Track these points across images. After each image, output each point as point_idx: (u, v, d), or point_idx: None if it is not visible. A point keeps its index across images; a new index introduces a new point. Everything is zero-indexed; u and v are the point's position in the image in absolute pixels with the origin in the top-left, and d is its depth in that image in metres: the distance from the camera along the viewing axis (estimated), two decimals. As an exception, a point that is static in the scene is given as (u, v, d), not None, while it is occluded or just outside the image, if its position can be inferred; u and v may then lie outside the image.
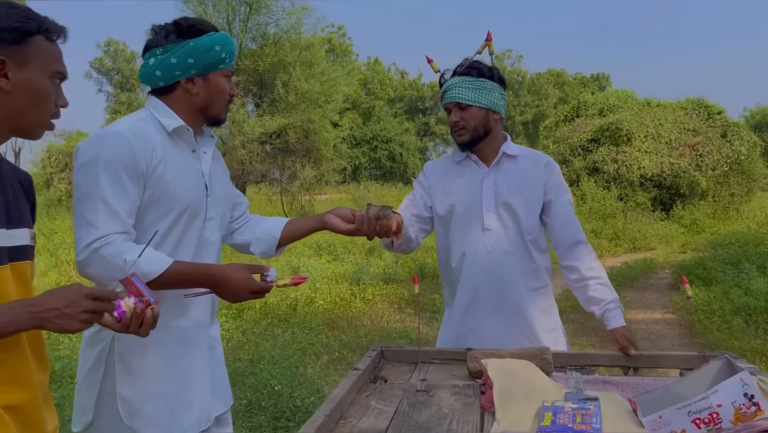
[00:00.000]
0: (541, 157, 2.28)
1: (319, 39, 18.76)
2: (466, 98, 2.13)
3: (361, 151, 37.04)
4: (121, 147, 1.57)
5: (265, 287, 1.66)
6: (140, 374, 1.67)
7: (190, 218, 1.71)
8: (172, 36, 1.69)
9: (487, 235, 2.19)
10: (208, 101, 1.73)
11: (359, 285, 7.63)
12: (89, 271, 1.57)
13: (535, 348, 1.87)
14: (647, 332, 6.46)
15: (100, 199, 1.54)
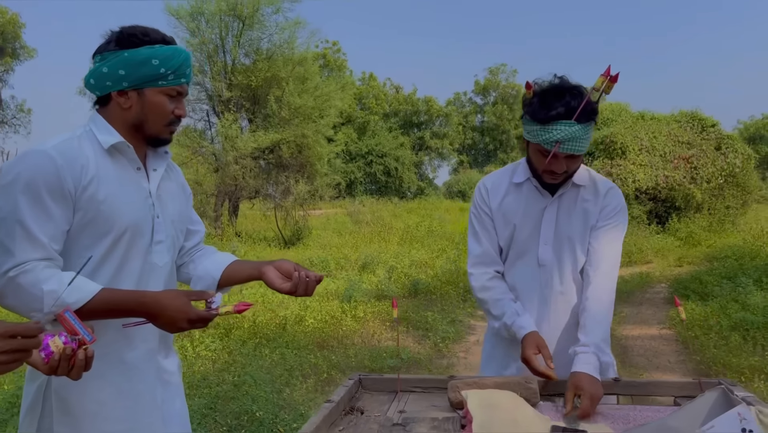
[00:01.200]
0: (603, 184, 2.09)
1: (313, 54, 18.74)
2: (580, 150, 1.89)
3: (357, 165, 36.98)
4: (43, 166, 1.44)
5: (205, 316, 1.52)
6: (78, 414, 1.53)
7: (132, 241, 1.57)
8: (112, 44, 1.57)
9: (541, 271, 2.06)
10: (142, 118, 1.60)
11: (350, 302, 7.50)
12: (6, 302, 1.43)
13: (520, 377, 1.75)
14: (643, 348, 6.33)
15: (17, 223, 1.42)
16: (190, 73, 1.65)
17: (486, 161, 49.97)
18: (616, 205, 2.08)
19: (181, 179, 1.83)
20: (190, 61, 1.64)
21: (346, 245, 13.65)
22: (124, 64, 1.55)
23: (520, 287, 2.10)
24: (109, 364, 1.56)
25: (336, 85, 18.73)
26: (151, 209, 1.63)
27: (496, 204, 2.11)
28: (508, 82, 51.23)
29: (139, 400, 1.62)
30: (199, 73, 17.18)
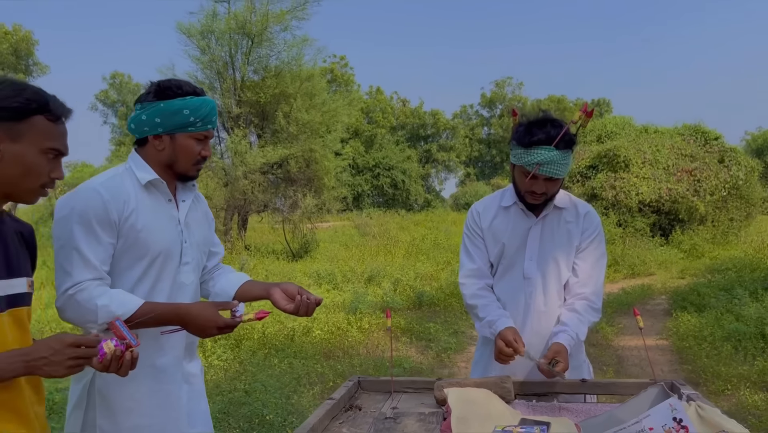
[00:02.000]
0: (583, 207, 2.36)
1: (320, 70, 19.12)
2: (559, 174, 2.14)
3: (364, 178, 37.36)
4: (93, 201, 1.74)
5: (231, 323, 1.80)
6: (118, 409, 1.82)
7: (164, 263, 1.87)
8: (151, 95, 1.87)
9: (526, 283, 2.32)
10: (173, 159, 1.88)
11: (356, 314, 7.76)
12: (66, 316, 1.74)
13: (497, 377, 2.02)
14: (638, 358, 6.55)
15: (74, 250, 1.71)
16: (215, 120, 1.94)
17: (493, 173, 50.23)
18: (596, 226, 2.36)
19: (206, 208, 2.12)
20: (216, 109, 1.94)
21: (353, 257, 13.92)
22: (160, 113, 1.83)
23: (507, 297, 2.35)
24: (143, 368, 1.83)
25: (343, 101, 19.08)
26: (180, 235, 1.92)
27: (486, 225, 2.38)
28: (515, 95, 51.61)
29: (168, 399, 1.90)
30: (210, 90, 17.58)
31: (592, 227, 2.34)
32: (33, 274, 1.58)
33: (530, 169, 2.15)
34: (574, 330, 2.18)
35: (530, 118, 2.23)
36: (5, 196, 1.48)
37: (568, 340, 2.14)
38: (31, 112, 1.45)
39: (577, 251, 2.32)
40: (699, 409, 1.72)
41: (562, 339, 2.14)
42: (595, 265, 2.33)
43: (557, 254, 2.31)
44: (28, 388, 1.46)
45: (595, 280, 2.32)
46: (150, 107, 1.85)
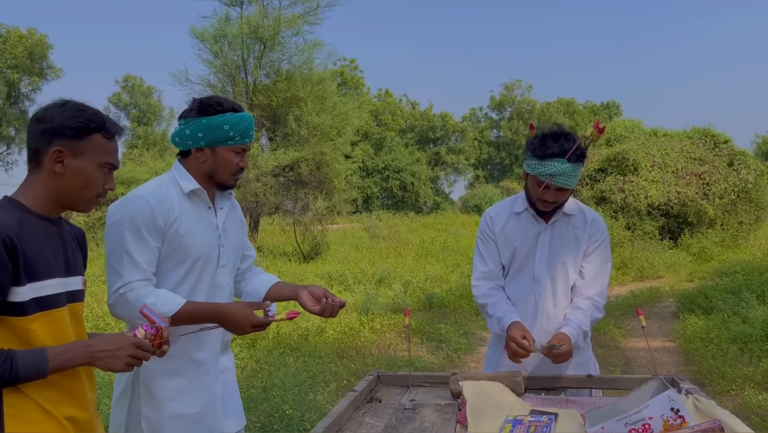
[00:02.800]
0: (590, 214, 2.52)
1: (330, 74, 19.31)
2: (570, 185, 2.30)
3: (373, 181, 37.55)
4: (142, 208, 1.91)
5: (264, 322, 1.97)
6: (160, 398, 2.00)
7: (204, 266, 2.05)
8: (193, 111, 2.04)
9: (536, 285, 2.47)
10: (214, 170, 2.06)
11: (368, 315, 7.91)
12: (117, 312, 1.92)
13: (507, 372, 2.16)
14: (645, 359, 6.67)
15: (125, 253, 1.88)
16: (252, 134, 2.11)
17: (502, 176, 50.32)
18: (602, 232, 2.52)
19: (240, 214, 2.29)
20: (253, 123, 2.11)
21: (363, 259, 14.08)
22: (202, 129, 2.01)
23: (517, 298, 2.51)
24: (183, 361, 2.03)
25: (353, 104, 19.27)
26: (218, 240, 2.09)
27: (498, 229, 2.53)
28: (524, 98, 51.71)
29: (206, 390, 2.08)
30: (222, 94, 17.80)
31: (599, 232, 2.50)
32: (84, 273, 1.75)
33: (543, 180, 2.30)
34: (577, 323, 2.33)
35: (545, 131, 2.38)
36: (65, 206, 1.65)
37: (571, 330, 2.30)
38: (91, 131, 1.61)
39: (584, 255, 2.48)
40: (696, 401, 1.87)
41: (565, 330, 2.30)
42: (600, 268, 2.48)
43: (565, 257, 2.46)
44: (84, 376, 1.62)
45: (600, 282, 2.47)
46: (193, 123, 2.01)
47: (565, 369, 2.42)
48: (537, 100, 51.53)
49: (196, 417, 2.04)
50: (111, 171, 1.69)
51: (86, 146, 1.61)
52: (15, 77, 33.21)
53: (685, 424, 1.70)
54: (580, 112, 50.73)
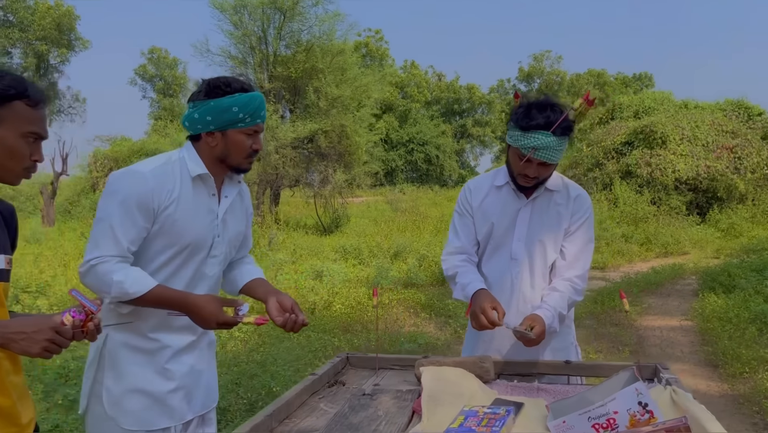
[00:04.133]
0: (574, 190, 2.35)
1: (351, 45, 19.03)
2: (553, 160, 2.14)
3: (398, 153, 37.28)
4: (139, 186, 1.84)
5: (231, 321, 1.87)
6: (123, 371, 1.93)
7: (191, 254, 1.96)
8: (201, 94, 1.93)
9: (513, 264, 2.32)
10: (226, 154, 1.95)
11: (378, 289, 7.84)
12: (86, 281, 1.85)
13: (476, 357, 2.04)
14: (660, 338, 6.48)
15: (108, 226, 1.82)
16: (264, 114, 1.97)
17: (529, 149, 49.47)
18: (586, 210, 2.34)
19: (248, 203, 2.19)
20: (264, 103, 1.99)
21: (381, 232, 13.99)
22: (211, 112, 1.89)
23: (494, 277, 2.36)
24: (148, 339, 1.95)
25: (374, 76, 19.01)
26: (214, 230, 2.00)
27: (477, 203, 2.38)
28: (553, 69, 50.60)
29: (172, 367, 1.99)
30: (242, 65, 17.70)
31: (582, 210, 2.33)
32: (12, 253, 1.65)
33: (525, 153, 2.13)
34: (553, 305, 2.18)
35: (531, 101, 2.20)
36: None
37: (545, 312, 2.15)
38: (11, 98, 1.50)
39: (566, 234, 2.31)
40: (673, 393, 1.72)
41: (539, 312, 2.15)
42: (583, 249, 2.32)
43: (545, 236, 2.30)
44: (4, 358, 1.53)
45: (582, 263, 2.31)
46: (201, 106, 1.91)
47: (543, 353, 2.28)
48: (567, 72, 50.39)
49: (157, 394, 1.96)
50: (38, 141, 1.58)
51: (6, 115, 1.50)
52: (44, 49, 33.53)
53: (653, 420, 1.55)
54: (611, 83, 49.47)
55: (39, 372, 3.99)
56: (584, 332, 6.71)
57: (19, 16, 32.01)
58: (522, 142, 2.14)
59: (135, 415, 1.92)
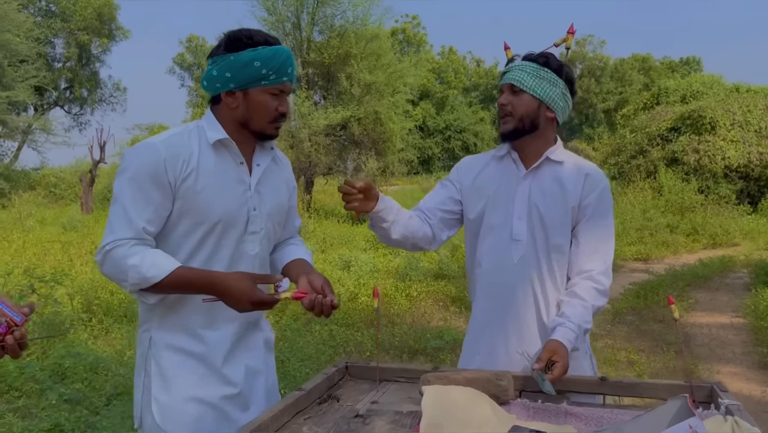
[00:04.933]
0: (586, 167, 2.01)
1: (386, 31, 18.65)
2: (522, 82, 1.92)
3: (434, 141, 36.76)
4: (150, 158, 1.63)
5: (268, 299, 1.61)
6: (171, 377, 1.71)
7: (225, 231, 1.72)
8: (221, 48, 1.70)
9: (514, 246, 1.98)
10: (247, 116, 1.72)
11: (405, 281, 7.51)
12: (105, 270, 1.65)
13: (491, 373, 1.70)
14: (709, 337, 6.02)
15: (121, 206, 1.63)
16: (292, 72, 1.73)
17: (571, 136, 48.38)
18: (602, 190, 1.99)
19: (288, 174, 1.93)
20: (293, 60, 1.72)
21: (415, 222, 13.65)
22: (230, 67, 1.66)
23: (490, 259, 2.02)
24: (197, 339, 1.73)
25: (409, 62, 18.62)
26: (247, 202, 1.74)
27: (470, 179, 2.08)
28: (596, 54, 49.12)
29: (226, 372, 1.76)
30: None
31: (597, 190, 1.97)
32: None
33: (499, 85, 2.01)
34: (576, 321, 1.83)
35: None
36: None
37: (567, 335, 1.80)
38: None
39: (580, 217, 1.97)
40: (735, 426, 1.38)
41: (559, 335, 1.79)
42: (601, 238, 1.97)
43: (546, 214, 1.96)
44: None
45: (602, 256, 1.96)
46: (220, 61, 1.69)
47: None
48: (610, 57, 48.83)
49: (211, 401, 1.73)
50: None
51: None
52: (85, 39, 33.98)
53: (711, 466, 1.22)
54: (657, 68, 47.81)
55: (35, 370, 3.81)
56: (625, 329, 6.29)
57: (61, 6, 32.48)
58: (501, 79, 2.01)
59: (189, 427, 1.69)
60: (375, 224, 1.97)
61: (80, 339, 4.83)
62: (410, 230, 2.00)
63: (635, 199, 15.34)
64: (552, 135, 2.02)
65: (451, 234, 2.13)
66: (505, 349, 2.01)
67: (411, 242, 2.04)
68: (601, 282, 1.93)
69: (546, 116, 1.96)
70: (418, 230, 2.03)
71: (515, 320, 1.99)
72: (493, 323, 2.03)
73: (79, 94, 36.40)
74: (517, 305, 1.99)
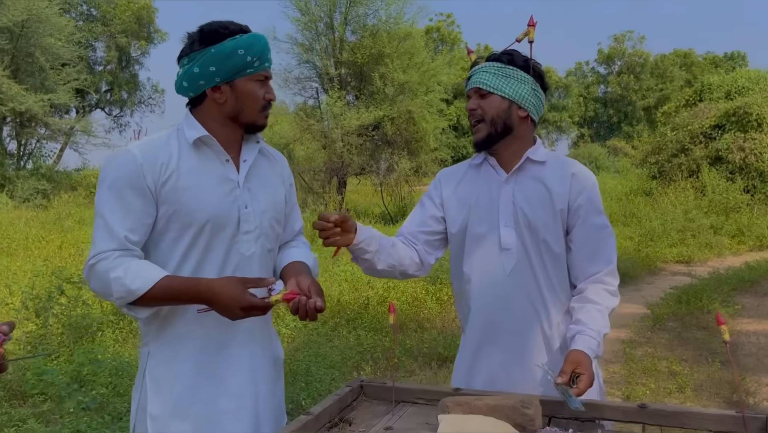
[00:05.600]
0: (572, 166, 1.90)
1: (419, 30, 18.51)
2: (487, 84, 1.83)
3: (469, 140, 36.35)
4: (126, 165, 1.58)
5: (259, 304, 1.51)
6: (168, 392, 1.62)
7: (215, 232, 1.63)
8: (195, 44, 1.64)
9: (505, 256, 1.85)
10: (238, 109, 1.66)
11: (436, 284, 7.35)
12: (91, 286, 1.60)
13: (517, 400, 1.55)
14: (757, 346, 5.71)
15: (101, 218, 1.57)
16: (270, 57, 1.69)
17: (609, 134, 47.42)
18: (591, 188, 1.87)
19: (282, 169, 1.85)
20: (268, 45, 1.68)
21: (448, 222, 13.47)
22: (213, 60, 1.60)
23: (481, 271, 1.88)
24: (191, 349, 1.64)
25: (443, 60, 18.44)
26: (237, 200, 1.66)
27: (449, 192, 1.96)
28: (635, 50, 48.06)
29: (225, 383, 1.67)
30: (308, 52, 17.54)
31: (587, 189, 1.86)
32: None
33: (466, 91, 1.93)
34: (595, 327, 1.71)
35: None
36: None
37: (588, 343, 1.67)
38: None
39: (573, 221, 1.85)
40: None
41: (580, 344, 1.67)
42: (600, 238, 1.85)
43: (534, 218, 1.83)
44: None
45: (606, 256, 1.84)
46: (199, 56, 1.62)
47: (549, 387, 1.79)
48: (650, 53, 47.69)
49: (208, 416, 1.64)
50: None
51: None
52: (124, 42, 34.63)
53: None
54: (699, 64, 46.50)
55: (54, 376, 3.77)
56: (666, 337, 6.02)
57: (101, 10, 33.17)
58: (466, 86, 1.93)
59: None
60: (357, 256, 1.85)
61: (106, 343, 4.80)
62: (396, 258, 1.89)
63: (676, 199, 14.86)
64: (529, 135, 1.91)
65: (439, 255, 2.02)
66: (504, 370, 1.88)
67: (399, 270, 1.93)
68: (610, 283, 1.83)
69: (518, 116, 1.86)
70: (404, 257, 1.91)
71: (514, 335, 1.86)
72: (490, 342, 1.90)
73: (118, 96, 37.11)
74: (514, 320, 1.86)
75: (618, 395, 4.44)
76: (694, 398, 4.38)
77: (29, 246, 10.18)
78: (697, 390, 4.56)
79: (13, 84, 19.07)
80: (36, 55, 20.49)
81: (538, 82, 1.88)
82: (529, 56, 1.87)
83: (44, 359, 4.16)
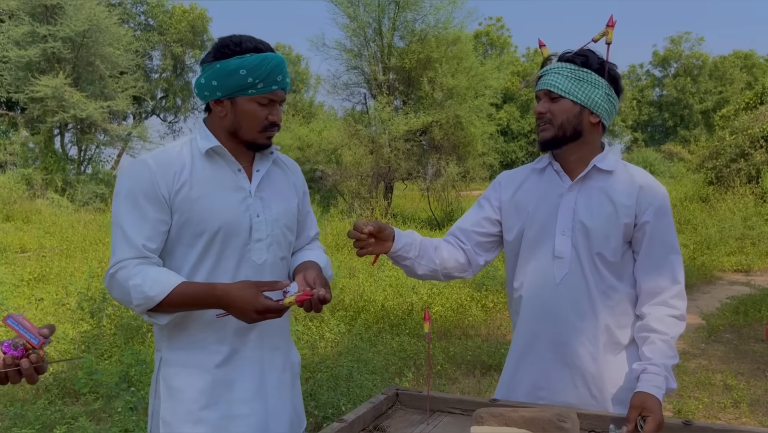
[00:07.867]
0: (641, 177, 1.81)
1: (468, 34, 18.39)
2: (559, 87, 1.76)
3: (518, 144, 35.94)
4: (140, 174, 1.62)
5: (274, 307, 1.52)
6: (180, 398, 1.65)
7: (227, 239, 1.66)
8: (209, 55, 1.67)
9: (557, 264, 1.80)
10: (236, 125, 1.68)
11: (481, 291, 7.27)
12: (112, 295, 1.63)
13: (553, 413, 1.51)
14: (819, 361, 5.43)
15: (119, 228, 1.62)
16: (283, 80, 1.67)
17: (664, 139, 46.09)
18: (661, 202, 1.78)
19: (295, 178, 1.86)
20: (284, 66, 1.66)
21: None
22: (217, 75, 1.63)
23: (531, 278, 1.83)
24: (208, 353, 1.67)
25: (492, 65, 18.27)
26: (249, 208, 1.69)
27: (508, 196, 1.92)
28: (693, 52, 46.59)
29: (237, 389, 1.69)
30: (356, 58, 17.65)
31: (655, 204, 1.76)
32: None
33: (535, 91, 1.85)
34: (660, 361, 1.61)
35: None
36: None
37: (654, 381, 1.59)
38: None
39: (639, 237, 1.77)
40: None
41: (645, 385, 1.58)
42: (667, 258, 1.76)
43: (593, 228, 1.76)
44: None
45: (672, 277, 1.74)
46: (208, 68, 1.67)
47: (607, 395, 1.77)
48: (709, 55, 46.13)
49: (220, 422, 1.66)
50: None
51: None
52: (179, 51, 35.60)
53: None
54: (761, 65, 44.73)
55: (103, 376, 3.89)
56: (722, 349, 5.79)
57: (158, 20, 34.20)
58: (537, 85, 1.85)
59: None
60: (397, 262, 1.85)
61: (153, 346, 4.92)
62: (438, 262, 1.88)
63: (735, 205, 14.31)
64: (598, 141, 1.84)
65: (489, 258, 1.98)
66: (546, 379, 1.83)
67: (443, 273, 1.91)
68: (677, 306, 1.73)
69: (589, 122, 1.79)
70: (448, 259, 1.89)
71: (558, 345, 1.80)
72: (533, 350, 1.85)
73: (173, 102, 38.15)
74: (559, 330, 1.79)
75: (669, 408, 4.29)
76: (750, 414, 4.20)
77: (86, 248, 10.54)
78: (753, 406, 4.37)
79: (74, 92, 19.85)
80: (96, 63, 21.27)
81: (613, 87, 1.81)
82: (605, 58, 1.78)
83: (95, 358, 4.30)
